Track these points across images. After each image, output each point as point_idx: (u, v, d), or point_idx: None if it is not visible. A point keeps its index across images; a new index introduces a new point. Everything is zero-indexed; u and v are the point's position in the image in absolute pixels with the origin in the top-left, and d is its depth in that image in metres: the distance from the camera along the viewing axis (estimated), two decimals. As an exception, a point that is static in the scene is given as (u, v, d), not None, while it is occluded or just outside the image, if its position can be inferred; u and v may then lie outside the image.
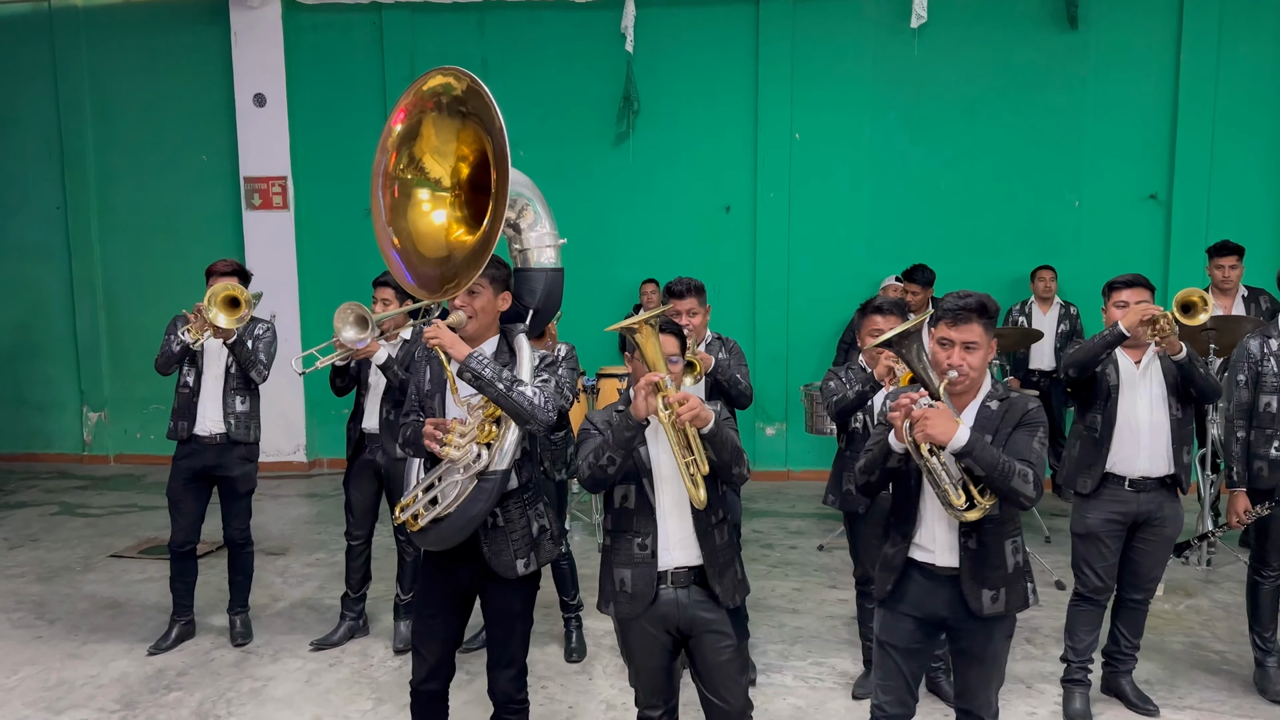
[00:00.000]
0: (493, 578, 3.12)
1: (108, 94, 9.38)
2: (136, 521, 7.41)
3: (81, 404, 9.74)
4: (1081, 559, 4.00)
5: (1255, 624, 4.25)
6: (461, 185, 3.17)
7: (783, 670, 4.51)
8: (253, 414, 4.83)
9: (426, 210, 3.17)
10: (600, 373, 7.00)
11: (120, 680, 4.50)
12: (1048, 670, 4.47)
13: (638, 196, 8.84)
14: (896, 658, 2.96)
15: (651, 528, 2.88)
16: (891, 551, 2.95)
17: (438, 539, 3.03)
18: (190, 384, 4.72)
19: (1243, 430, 4.14)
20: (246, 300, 4.52)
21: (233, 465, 4.78)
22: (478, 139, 3.07)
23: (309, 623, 5.18)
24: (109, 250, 9.52)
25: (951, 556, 2.85)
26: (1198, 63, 7.97)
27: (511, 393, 2.92)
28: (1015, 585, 2.87)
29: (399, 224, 3.14)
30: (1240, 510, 4.10)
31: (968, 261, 8.20)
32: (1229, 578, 5.79)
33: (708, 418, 2.72)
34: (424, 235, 3.15)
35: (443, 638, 3.20)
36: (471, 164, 3.16)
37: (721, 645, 2.91)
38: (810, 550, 6.45)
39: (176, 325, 4.70)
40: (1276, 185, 8.02)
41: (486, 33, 8.88)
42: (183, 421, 4.72)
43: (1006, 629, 2.95)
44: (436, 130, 3.11)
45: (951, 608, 2.87)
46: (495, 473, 2.99)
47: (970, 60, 8.33)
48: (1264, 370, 4.07)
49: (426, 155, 3.16)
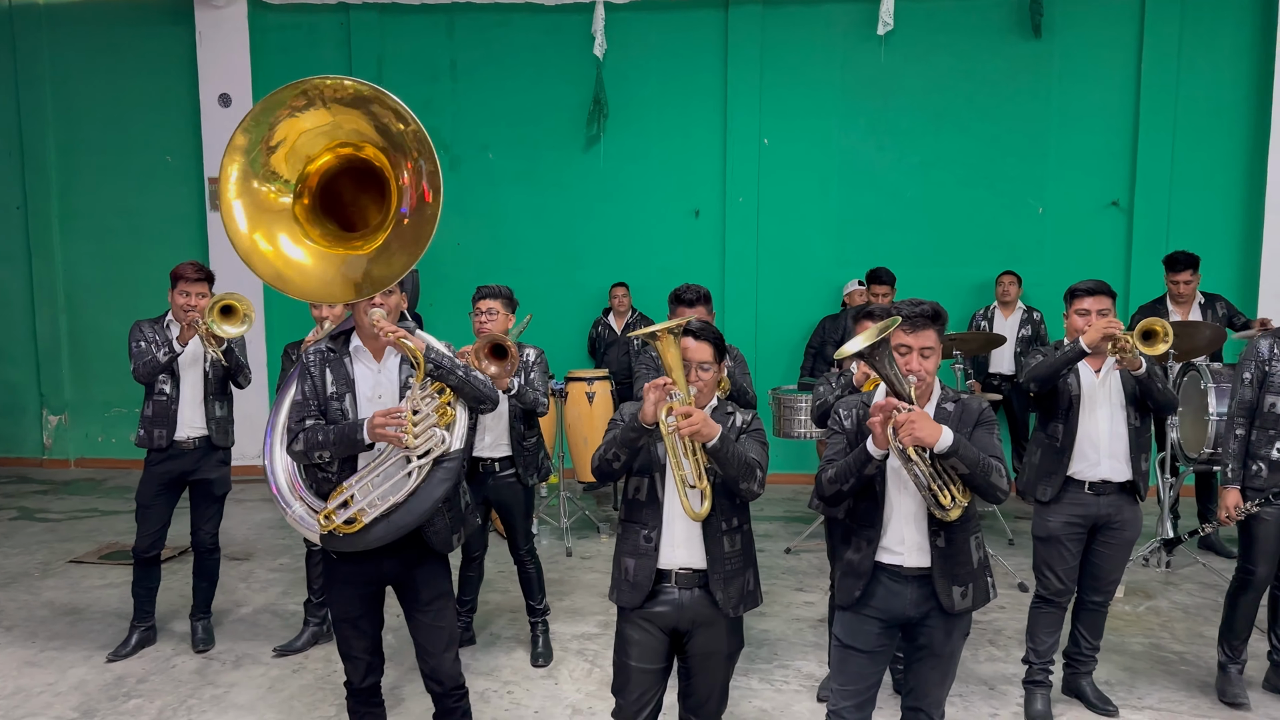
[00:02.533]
0: (420, 561, 3.15)
1: (70, 93, 9.26)
2: (97, 526, 7.31)
3: (41, 407, 9.60)
4: (1042, 562, 4.04)
5: (1228, 633, 4.23)
6: (311, 193, 3.03)
7: (749, 673, 4.52)
8: (230, 418, 4.82)
9: (296, 235, 3.00)
10: (569, 376, 7.01)
11: (79, 688, 4.43)
12: (1010, 672, 4.52)
13: (607, 200, 8.86)
14: (861, 661, 2.98)
15: (657, 522, 2.89)
16: (857, 557, 2.96)
17: (388, 532, 3.01)
18: (169, 392, 4.64)
19: (1242, 428, 4.14)
20: (245, 311, 4.52)
21: (211, 469, 4.74)
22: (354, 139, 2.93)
23: (272, 629, 5.13)
24: (70, 252, 9.40)
25: (922, 557, 2.89)
26: (1159, 72, 8.11)
27: (469, 377, 3.06)
28: (979, 581, 2.94)
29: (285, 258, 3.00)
30: (1230, 506, 4.11)
31: (933, 268, 8.29)
32: (1188, 579, 5.88)
33: (710, 434, 2.70)
34: (309, 270, 3.01)
35: (372, 635, 3.24)
36: (328, 169, 3.01)
37: (711, 650, 2.93)
38: (777, 554, 6.47)
39: (145, 331, 4.64)
40: (1235, 192, 8.17)
41: (456, 35, 8.86)
42: (160, 430, 4.64)
43: (965, 626, 3.00)
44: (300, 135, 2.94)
45: (919, 607, 2.90)
46: (456, 453, 3.05)
47: (936, 68, 8.42)
48: (1272, 371, 4.06)
49: (282, 163, 2.97)
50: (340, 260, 2.99)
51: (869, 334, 2.67)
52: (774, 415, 6.47)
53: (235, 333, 4.49)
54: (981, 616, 5.25)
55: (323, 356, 3.14)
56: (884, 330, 2.65)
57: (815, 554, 6.44)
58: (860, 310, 4.23)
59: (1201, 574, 5.94)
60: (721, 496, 2.83)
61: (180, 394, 4.67)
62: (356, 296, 2.97)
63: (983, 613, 5.31)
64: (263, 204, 2.95)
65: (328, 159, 2.99)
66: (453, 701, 3.26)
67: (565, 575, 6.01)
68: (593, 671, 4.58)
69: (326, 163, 3.00)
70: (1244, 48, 8.06)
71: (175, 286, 4.60)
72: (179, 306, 4.59)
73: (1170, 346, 3.91)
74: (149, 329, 4.67)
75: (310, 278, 2.99)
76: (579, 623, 5.21)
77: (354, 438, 2.99)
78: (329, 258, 3.00)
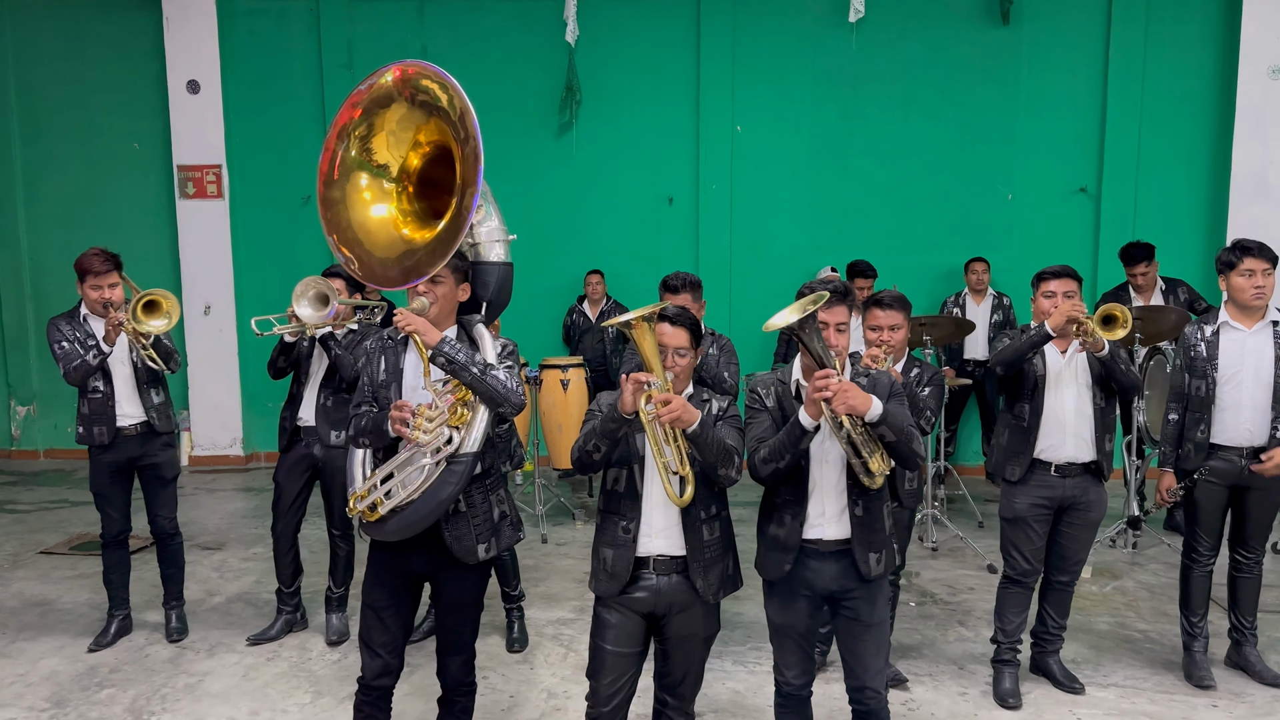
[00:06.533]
0: (449, 565, 3.11)
1: (34, 79, 9.12)
2: (66, 517, 7.24)
3: (9, 398, 9.48)
4: (1010, 543, 4.11)
5: (1186, 609, 4.35)
6: (410, 178, 3.18)
7: (722, 655, 4.56)
8: (168, 402, 4.75)
9: (369, 200, 3.19)
10: (543, 364, 7.01)
11: (50, 678, 4.41)
12: (978, 651, 4.59)
13: (580, 188, 8.85)
14: (796, 637, 3.09)
15: (636, 513, 2.90)
16: (783, 532, 3.02)
17: (400, 527, 3.00)
18: (102, 388, 4.54)
19: (1175, 413, 4.29)
20: (168, 307, 4.44)
21: (156, 452, 4.68)
22: (440, 132, 3.06)
23: (245, 617, 5.12)
24: (36, 241, 9.28)
25: (841, 528, 2.98)
26: (1125, 60, 8.20)
27: (486, 376, 2.98)
28: (889, 547, 3.05)
29: (351, 217, 3.16)
30: (1164, 489, 4.28)
31: (904, 254, 8.35)
32: (1154, 560, 5.99)
33: (690, 420, 2.71)
34: (374, 232, 3.17)
35: (394, 631, 3.18)
36: (426, 156, 3.15)
37: (688, 633, 2.96)
38: (750, 538, 6.50)
39: (63, 329, 4.49)
40: (1200, 179, 8.28)
41: (426, 21, 8.81)
42: (99, 427, 4.55)
43: (887, 592, 3.11)
44: (397, 120, 3.12)
45: (840, 580, 2.99)
46: (466, 455, 2.99)
47: (906, 55, 8.47)
48: (1195, 355, 4.21)
49: (379, 144, 3.16)
50: (404, 245, 3.11)
51: (797, 309, 2.74)
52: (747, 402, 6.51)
53: (160, 328, 4.40)
54: (951, 598, 5.33)
55: (382, 344, 3.16)
56: (810, 305, 2.74)
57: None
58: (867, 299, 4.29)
59: (1166, 554, 6.05)
60: (700, 485, 2.84)
61: (115, 389, 4.56)
62: (404, 282, 3.02)
63: (952, 594, 5.39)
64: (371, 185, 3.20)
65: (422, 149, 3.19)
66: (455, 696, 3.28)
67: (540, 562, 6.03)
68: (568, 656, 4.61)
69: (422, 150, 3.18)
70: (1209, 36, 8.16)
71: (84, 281, 4.43)
72: (94, 301, 4.44)
73: (1130, 332, 3.99)
74: (66, 327, 4.51)
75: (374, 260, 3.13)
76: (554, 608, 5.23)
77: (382, 427, 3.00)
78: (397, 242, 3.12)
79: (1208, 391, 4.17)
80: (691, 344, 2.94)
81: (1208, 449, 4.17)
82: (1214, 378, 4.15)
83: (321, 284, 4.21)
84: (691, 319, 2.96)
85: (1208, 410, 4.17)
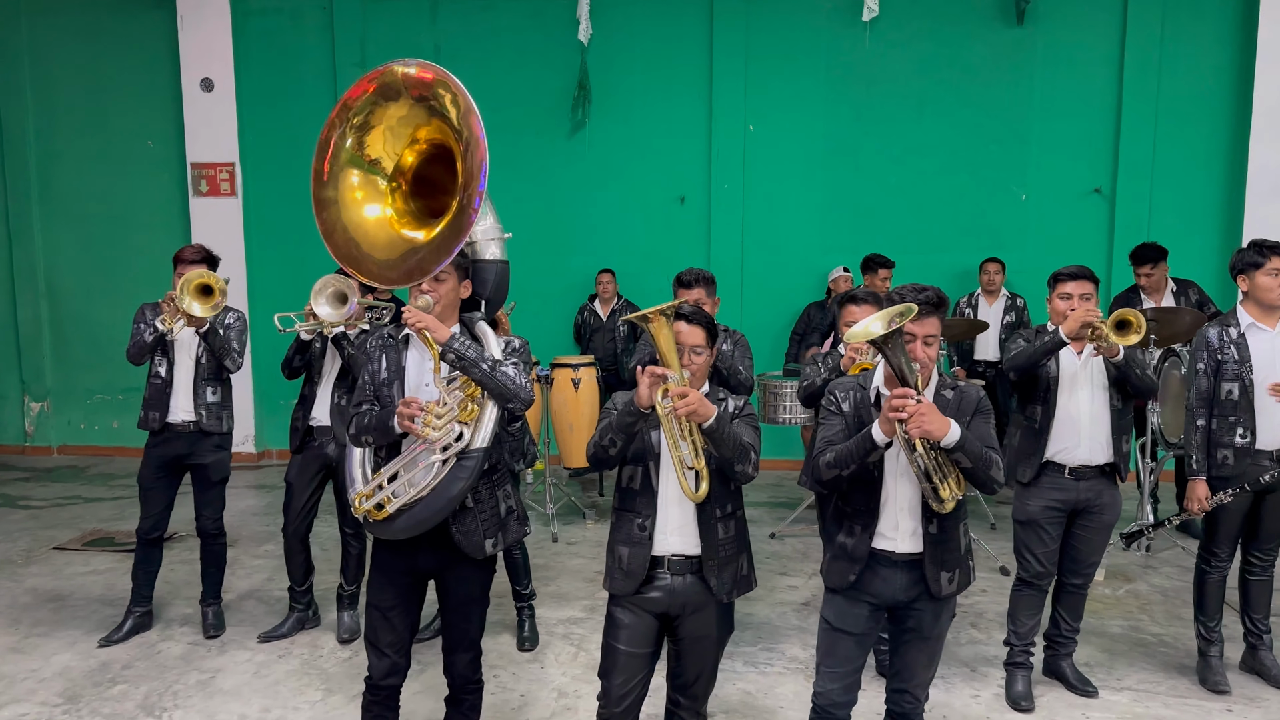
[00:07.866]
0: (456, 561, 3.11)
1: (49, 77, 9.17)
2: (80, 514, 7.27)
3: (23, 394, 9.54)
4: (1023, 545, 4.08)
5: (1200, 613, 4.31)
6: (405, 176, 3.17)
7: (733, 656, 4.55)
8: (224, 404, 4.77)
9: (362, 199, 3.19)
10: (555, 363, 7.01)
11: (63, 674, 4.42)
12: (991, 654, 4.57)
13: (592, 187, 8.85)
14: (849, 644, 3.01)
15: (652, 511, 2.89)
16: (852, 542, 2.96)
17: (410, 524, 2.99)
18: (163, 374, 4.65)
19: (1202, 419, 4.19)
20: (220, 288, 4.46)
21: (205, 454, 4.72)
22: (440, 132, 3.07)
23: (257, 615, 5.13)
24: (51, 237, 9.33)
25: (915, 543, 2.91)
26: (1141, 59, 8.15)
27: (495, 372, 2.97)
28: (964, 566, 2.98)
29: (347, 219, 3.16)
30: (1200, 497, 4.15)
31: (917, 254, 8.31)
32: (1167, 563, 5.95)
33: (706, 414, 2.69)
34: (371, 232, 3.17)
35: (401, 631, 3.17)
36: (422, 155, 3.16)
37: (702, 634, 2.94)
38: (762, 539, 6.51)
39: (146, 313, 4.63)
40: (1216, 179, 8.22)
41: (439, 20, 8.82)
42: (154, 412, 4.65)
43: (951, 609, 3.04)
44: (398, 118, 3.14)
45: (909, 591, 2.93)
46: (476, 451, 2.98)
47: (920, 55, 8.43)
48: (1224, 358, 4.13)
49: (375, 139, 3.16)
50: (405, 245, 3.10)
51: (883, 319, 2.62)
52: (760, 401, 6.50)
53: (200, 312, 4.41)
54: (964, 600, 5.30)
55: (383, 343, 3.16)
56: (899, 317, 2.62)
57: (800, 539, 6.48)
58: (845, 296, 4.25)
59: (1180, 557, 6.01)
60: (716, 483, 2.83)
61: (174, 378, 4.66)
62: (407, 281, 3.01)
63: (965, 596, 5.36)
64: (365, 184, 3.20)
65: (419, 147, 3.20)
66: (462, 694, 3.28)
67: (551, 561, 6.03)
68: (578, 655, 4.60)
69: (419, 149, 3.18)
70: (1226, 36, 8.10)
71: (175, 269, 4.59)
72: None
73: (1146, 335, 3.95)
74: (150, 311, 4.65)
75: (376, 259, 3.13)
76: (565, 607, 5.23)
77: (388, 425, 2.99)
78: (397, 242, 3.11)
79: (1242, 394, 4.09)
80: (708, 342, 2.92)
81: (1250, 453, 4.08)
82: (1249, 380, 4.08)
83: (340, 282, 4.21)
84: (708, 318, 2.94)
85: (1247, 413, 4.08)
